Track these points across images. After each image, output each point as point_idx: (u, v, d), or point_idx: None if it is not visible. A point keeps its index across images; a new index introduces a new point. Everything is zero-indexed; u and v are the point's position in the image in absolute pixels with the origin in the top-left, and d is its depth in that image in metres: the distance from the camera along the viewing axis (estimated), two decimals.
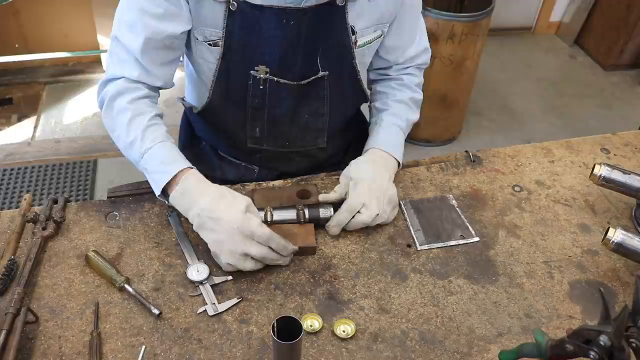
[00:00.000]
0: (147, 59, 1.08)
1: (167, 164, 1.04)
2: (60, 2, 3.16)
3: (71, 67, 3.39)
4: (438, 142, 3.07)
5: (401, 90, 1.30)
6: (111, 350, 0.90)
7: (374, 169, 1.15)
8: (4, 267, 0.99)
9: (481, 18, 2.57)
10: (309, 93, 1.18)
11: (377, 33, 1.17)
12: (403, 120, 1.27)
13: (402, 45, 1.26)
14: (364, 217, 1.08)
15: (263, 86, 1.13)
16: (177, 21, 1.05)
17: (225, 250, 0.97)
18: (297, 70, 1.13)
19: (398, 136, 1.25)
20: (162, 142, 1.06)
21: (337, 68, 1.16)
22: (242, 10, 1.03)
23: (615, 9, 3.60)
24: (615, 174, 1.15)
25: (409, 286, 1.03)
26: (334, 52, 1.13)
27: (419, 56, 1.30)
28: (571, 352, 0.77)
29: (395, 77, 1.32)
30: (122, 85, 1.09)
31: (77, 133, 2.97)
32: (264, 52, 1.09)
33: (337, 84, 1.19)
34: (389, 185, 1.14)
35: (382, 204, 1.10)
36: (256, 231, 0.97)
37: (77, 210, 1.13)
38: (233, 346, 0.92)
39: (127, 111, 1.07)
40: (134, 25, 1.05)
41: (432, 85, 2.74)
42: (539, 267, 1.08)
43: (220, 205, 0.99)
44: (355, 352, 0.92)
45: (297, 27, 1.06)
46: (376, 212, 1.08)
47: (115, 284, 0.98)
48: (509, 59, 3.82)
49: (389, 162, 1.20)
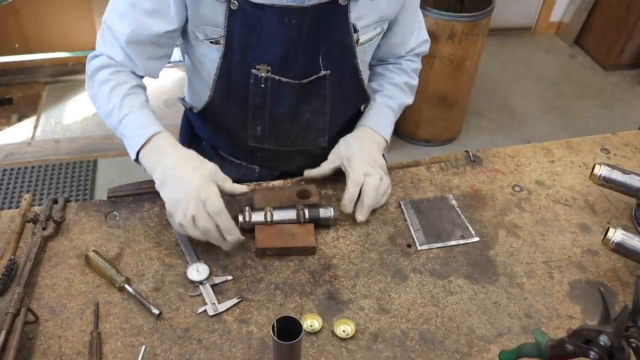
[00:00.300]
0: (131, 50, 1.09)
1: (143, 127, 1.05)
2: (60, 2, 3.16)
3: (71, 67, 3.39)
4: (438, 142, 3.07)
5: (398, 74, 1.33)
6: (111, 350, 0.90)
7: (362, 144, 1.18)
8: (4, 267, 0.99)
9: (481, 18, 2.57)
10: (310, 92, 1.18)
11: (377, 30, 1.18)
12: (395, 102, 1.30)
13: (403, 42, 1.29)
14: (370, 183, 1.09)
15: (264, 85, 1.13)
16: (163, 20, 1.06)
17: (180, 210, 0.97)
18: (299, 69, 1.13)
19: (388, 117, 1.28)
20: (139, 109, 1.07)
21: (339, 67, 1.16)
22: (243, 9, 1.03)
23: (615, 9, 3.60)
24: (615, 174, 1.15)
25: (409, 286, 1.03)
26: (336, 51, 1.14)
27: (418, 47, 1.34)
28: (571, 352, 0.77)
29: (393, 61, 1.35)
30: (107, 60, 1.11)
31: (77, 133, 2.97)
32: (265, 51, 1.09)
33: (339, 83, 1.19)
34: (378, 156, 1.18)
35: (378, 170, 1.12)
36: (210, 199, 0.96)
37: (77, 210, 1.13)
38: (233, 346, 0.92)
39: (109, 81, 1.09)
40: (124, 15, 1.06)
41: (432, 85, 2.74)
42: (539, 267, 1.08)
43: (186, 166, 1.00)
44: (355, 352, 0.92)
45: (298, 26, 1.06)
46: (378, 176, 1.11)
47: (115, 284, 0.98)
48: (509, 59, 3.82)
49: (377, 138, 1.23)
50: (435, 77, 2.73)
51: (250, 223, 1.08)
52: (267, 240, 1.06)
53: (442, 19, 2.53)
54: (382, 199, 1.14)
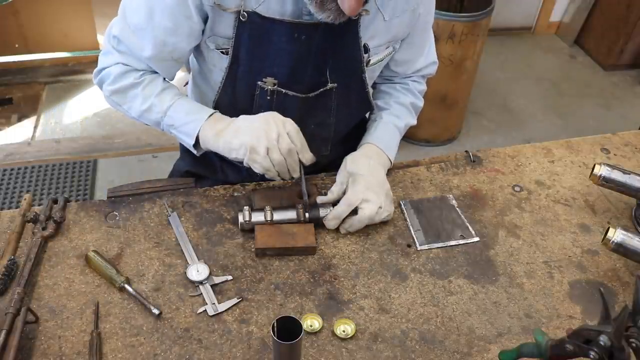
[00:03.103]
0: (154, 64, 1.12)
1: (195, 112, 1.09)
2: (60, 2, 3.16)
3: (71, 67, 3.39)
4: (438, 142, 3.07)
5: (405, 94, 1.32)
6: (111, 350, 0.90)
7: (370, 164, 1.16)
8: (4, 267, 0.99)
9: (481, 18, 2.57)
10: (316, 104, 1.17)
11: (389, 50, 1.18)
12: (402, 123, 1.28)
13: (411, 59, 1.28)
14: (367, 211, 1.08)
15: (270, 97, 1.13)
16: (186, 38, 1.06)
17: (263, 135, 1.00)
18: (306, 82, 1.13)
19: (394, 137, 1.26)
20: (182, 98, 1.11)
21: (346, 81, 1.16)
22: (253, 21, 1.03)
23: (615, 9, 3.60)
24: (615, 174, 1.15)
25: (409, 286, 1.03)
26: (345, 66, 1.13)
27: (426, 68, 1.32)
28: (571, 352, 0.77)
29: (400, 81, 1.33)
30: (127, 67, 1.11)
31: (77, 133, 2.97)
32: (273, 64, 1.09)
33: (345, 96, 1.19)
34: (385, 180, 1.16)
35: (381, 197, 1.10)
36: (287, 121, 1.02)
37: (77, 210, 1.13)
38: (233, 346, 0.92)
39: (140, 84, 1.11)
40: (142, 31, 1.05)
41: (432, 85, 2.70)
42: (539, 267, 1.08)
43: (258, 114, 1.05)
44: (355, 352, 0.92)
45: (308, 41, 1.06)
46: (378, 204, 1.09)
47: (115, 284, 0.98)
48: (509, 59, 3.82)
49: (383, 158, 1.21)
50: (435, 77, 2.67)
51: (250, 223, 1.08)
52: (267, 240, 1.06)
53: (442, 19, 2.53)
54: (375, 220, 1.11)
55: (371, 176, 1.13)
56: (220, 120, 1.09)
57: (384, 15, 1.09)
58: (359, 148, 1.23)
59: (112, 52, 1.11)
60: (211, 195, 1.18)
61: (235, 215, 1.11)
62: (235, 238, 1.10)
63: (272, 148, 1.00)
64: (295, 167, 1.04)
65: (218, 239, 1.09)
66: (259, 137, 1.01)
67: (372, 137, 1.24)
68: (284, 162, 1.02)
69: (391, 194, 1.15)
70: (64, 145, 2.84)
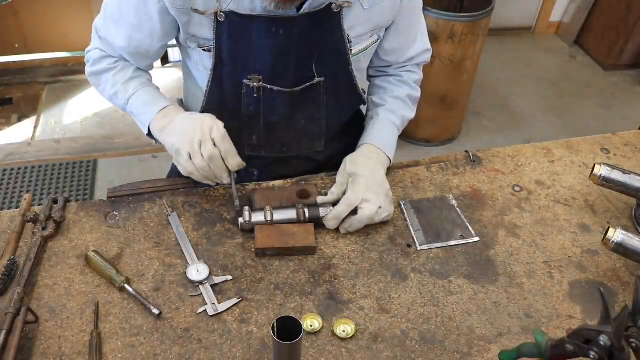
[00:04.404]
0: (128, 56, 1.18)
1: (150, 104, 1.15)
2: (59, 2, 3.16)
3: (71, 67, 3.39)
4: (438, 142, 3.08)
5: (399, 86, 1.30)
6: (111, 350, 0.90)
7: (369, 164, 1.16)
8: (4, 267, 0.99)
9: (481, 18, 2.57)
10: (304, 99, 1.17)
11: (373, 39, 1.17)
12: (398, 118, 1.28)
13: (400, 48, 1.25)
14: (366, 211, 1.08)
15: (257, 94, 1.13)
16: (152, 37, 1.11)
17: (187, 139, 1.03)
18: (291, 77, 1.12)
19: (392, 134, 1.26)
20: (144, 88, 1.17)
21: (333, 74, 1.16)
22: (231, 20, 1.03)
23: (615, 9, 3.60)
24: (615, 174, 1.15)
25: (409, 286, 1.03)
26: (330, 58, 1.13)
27: (419, 56, 1.30)
28: (571, 352, 0.77)
29: (394, 73, 1.31)
30: (104, 53, 1.19)
31: (77, 133, 2.97)
32: (255, 61, 1.09)
33: (333, 89, 1.18)
34: (385, 180, 1.15)
35: (381, 197, 1.10)
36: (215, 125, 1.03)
37: (77, 210, 1.13)
38: (233, 346, 0.92)
39: (112, 69, 1.18)
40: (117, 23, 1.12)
41: (432, 85, 2.74)
42: (539, 267, 1.08)
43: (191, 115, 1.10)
44: (355, 352, 0.92)
45: (286, 35, 1.06)
46: (377, 205, 1.09)
47: (115, 284, 0.98)
48: (509, 59, 3.82)
49: (382, 157, 1.21)
50: (435, 77, 2.73)
51: (250, 223, 1.08)
52: (267, 240, 1.06)
53: (442, 19, 2.53)
54: (375, 220, 1.11)
55: (371, 176, 1.13)
56: (167, 115, 1.12)
57: (363, 4, 1.08)
58: (357, 149, 1.23)
59: (95, 37, 1.19)
60: (211, 195, 1.18)
61: (235, 215, 1.11)
62: (235, 238, 1.10)
63: (195, 153, 1.03)
64: (221, 172, 1.05)
65: (218, 239, 1.09)
66: (183, 141, 1.04)
67: (370, 137, 1.23)
68: (208, 168, 1.03)
69: (391, 194, 1.15)
70: (64, 145, 2.84)
